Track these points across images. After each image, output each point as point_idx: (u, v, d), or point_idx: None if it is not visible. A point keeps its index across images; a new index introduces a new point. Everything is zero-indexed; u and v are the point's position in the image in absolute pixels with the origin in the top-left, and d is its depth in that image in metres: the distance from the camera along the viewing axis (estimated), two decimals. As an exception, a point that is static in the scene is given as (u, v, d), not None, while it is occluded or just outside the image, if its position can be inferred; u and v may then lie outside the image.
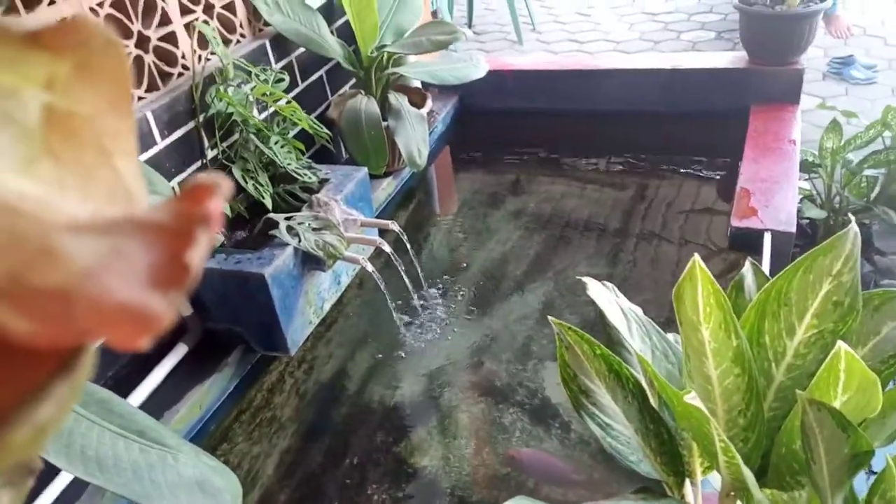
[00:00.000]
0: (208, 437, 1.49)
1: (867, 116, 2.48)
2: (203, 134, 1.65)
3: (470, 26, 4.43)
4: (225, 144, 1.70)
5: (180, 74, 1.65)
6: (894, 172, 2.21)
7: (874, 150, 2.20)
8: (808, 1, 2.32)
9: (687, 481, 0.88)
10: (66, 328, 0.11)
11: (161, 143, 1.55)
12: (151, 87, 1.58)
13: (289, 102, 1.69)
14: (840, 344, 0.66)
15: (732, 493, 0.82)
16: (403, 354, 1.72)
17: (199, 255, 0.12)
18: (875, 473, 0.78)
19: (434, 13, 3.61)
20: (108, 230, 0.12)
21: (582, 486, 1.37)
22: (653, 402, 0.87)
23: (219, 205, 0.12)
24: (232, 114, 1.64)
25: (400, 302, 1.81)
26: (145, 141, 1.51)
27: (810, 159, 2.29)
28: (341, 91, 2.28)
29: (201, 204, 0.12)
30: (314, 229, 1.55)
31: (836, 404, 0.70)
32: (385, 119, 2.01)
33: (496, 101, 2.65)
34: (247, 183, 1.58)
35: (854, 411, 0.72)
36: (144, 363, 1.49)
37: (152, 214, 0.12)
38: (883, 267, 2.26)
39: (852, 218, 0.86)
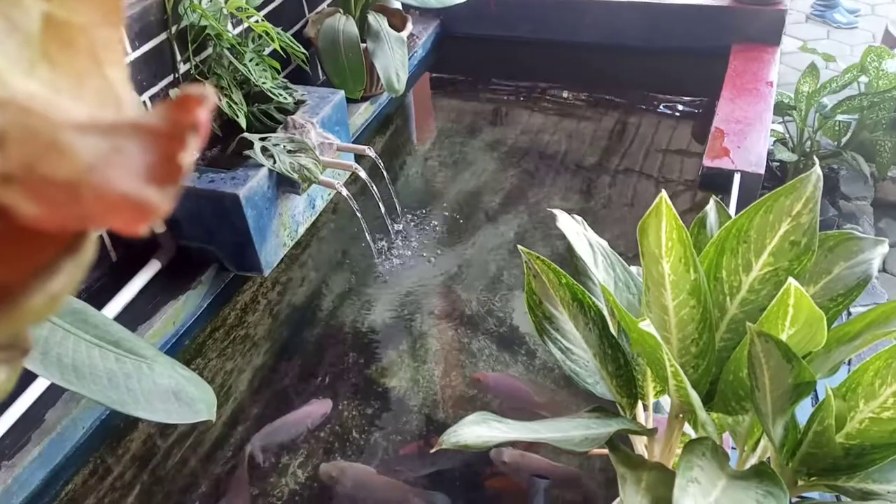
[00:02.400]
0: (183, 351, 1.52)
1: (846, 61, 2.49)
2: (175, 47, 1.61)
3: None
4: (198, 59, 1.66)
5: (152, -17, 1.59)
6: (866, 119, 2.24)
7: (848, 96, 2.23)
8: (799, -62, 2.28)
9: (640, 403, 0.94)
10: (72, 214, 0.12)
11: (132, 55, 1.51)
12: (122, -4, 1.52)
13: (260, 22, 1.64)
14: (790, 280, 0.70)
15: (681, 415, 0.87)
16: (377, 280, 1.75)
17: (189, 158, 0.13)
18: (818, 403, 0.83)
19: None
20: (108, 131, 0.13)
21: (543, 407, 1.44)
22: (612, 329, 0.91)
23: (206, 113, 0.14)
24: (206, 27, 1.60)
25: (375, 228, 1.83)
26: (116, 52, 1.46)
27: (786, 101, 2.31)
28: (319, 8, 2.22)
29: (191, 112, 0.13)
30: (289, 151, 1.54)
31: (783, 337, 0.75)
32: (364, 41, 1.97)
33: (478, 27, 2.60)
34: (220, 100, 1.56)
35: (800, 344, 0.76)
36: (118, 278, 1.50)
37: (148, 119, 0.14)
38: (847, 212, 2.33)
39: (817, 161, 0.89)
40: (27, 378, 1.23)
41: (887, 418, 0.74)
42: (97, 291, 1.49)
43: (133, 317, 1.46)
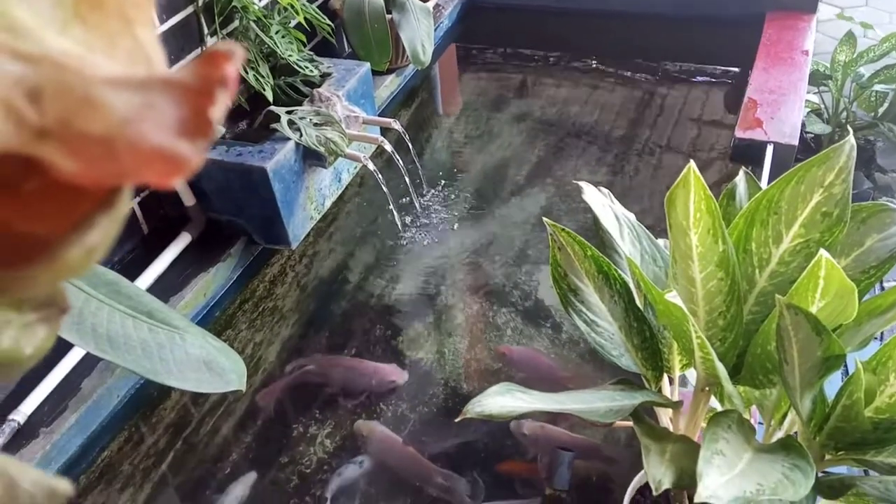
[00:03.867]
0: (213, 322, 1.55)
1: (885, 29, 2.41)
2: (202, 20, 1.61)
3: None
4: (225, 32, 1.66)
5: (179, -44, 1.59)
6: (906, 88, 2.17)
7: (886, 65, 2.16)
8: None
9: (665, 376, 0.93)
10: (107, 168, 0.13)
11: (159, 28, 1.52)
12: (149, -31, 1.53)
13: (291, -9, 1.64)
14: (822, 252, 0.69)
15: (707, 388, 0.87)
16: (403, 253, 1.76)
17: (219, 112, 0.13)
18: (847, 377, 0.82)
19: None
20: (140, 87, 0.13)
21: (568, 381, 1.44)
22: (638, 302, 0.90)
23: (235, 69, 0.14)
24: (231, 0, 1.60)
25: (401, 201, 1.83)
26: (144, 26, 1.47)
27: (822, 71, 2.25)
28: (345, -19, 2.20)
29: (219, 67, 0.14)
30: (316, 125, 1.54)
31: (813, 309, 0.74)
32: (389, 12, 1.95)
33: (505, -3, 2.56)
34: (247, 73, 1.56)
35: (830, 317, 0.75)
36: (149, 251, 1.53)
37: (178, 75, 0.14)
38: (883, 184, 2.27)
39: (851, 131, 0.87)
40: (64, 347, 1.27)
41: (919, 392, 0.73)
42: (130, 263, 1.52)
43: (164, 288, 1.49)
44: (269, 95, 1.58)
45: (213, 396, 1.44)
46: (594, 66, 2.44)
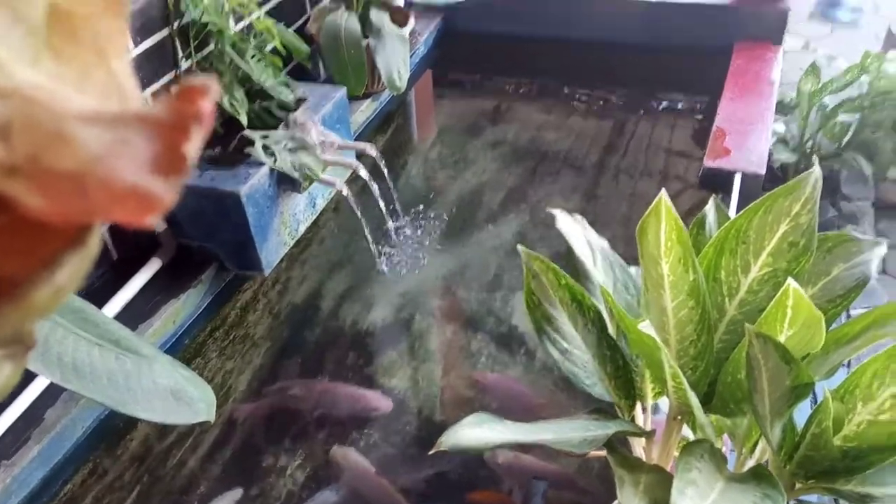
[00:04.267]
0: (182, 350, 1.52)
1: (849, 60, 2.49)
2: (177, 43, 1.61)
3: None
4: (200, 55, 1.66)
5: (154, -20, 1.59)
6: (867, 119, 2.24)
7: (850, 96, 2.23)
8: (801, -60, 2.28)
9: (638, 405, 0.94)
10: (77, 206, 0.13)
11: (133, 51, 1.51)
12: (124, -7, 1.52)
13: (261, 18, 1.64)
14: (789, 281, 0.70)
15: (679, 417, 0.87)
16: (377, 279, 1.75)
17: (193, 148, 0.13)
18: (817, 405, 0.83)
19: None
20: (113, 122, 0.13)
21: (542, 409, 1.44)
22: (611, 331, 0.91)
23: (210, 104, 0.14)
24: (208, 24, 1.60)
25: (375, 227, 1.83)
26: (118, 50, 1.47)
27: (787, 101, 2.31)
28: (321, 4, 2.22)
29: (194, 103, 0.13)
30: (290, 149, 1.54)
31: (782, 339, 0.75)
32: (366, 37, 1.97)
33: (481, 24, 2.60)
34: (222, 98, 1.56)
35: (798, 346, 0.76)
36: (118, 277, 1.50)
37: (152, 110, 0.14)
38: (848, 212, 2.33)
39: (816, 161, 0.89)
40: (27, 377, 1.23)
41: (885, 421, 0.74)
42: (98, 290, 1.49)
43: (133, 315, 1.46)
44: (244, 120, 1.57)
45: (181, 427, 1.40)
46: (567, 93, 2.48)
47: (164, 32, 1.58)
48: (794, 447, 0.82)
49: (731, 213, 1.53)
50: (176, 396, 0.98)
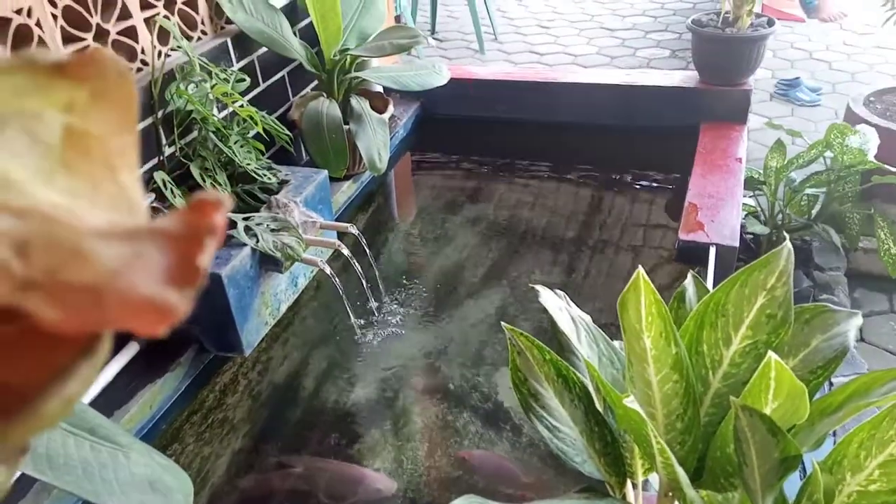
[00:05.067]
0: (159, 436, 1.48)
1: (811, 137, 2.60)
2: (161, 131, 1.64)
3: (433, 33, 4.47)
4: (183, 142, 1.69)
5: (139, 69, 1.63)
6: (834, 192, 2.32)
7: (816, 171, 2.31)
8: (757, 25, 2.42)
9: (629, 482, 0.92)
10: (93, 317, 0.13)
11: (118, 139, 1.54)
12: (110, 82, 1.56)
13: (245, 106, 1.69)
14: (770, 354, 0.71)
15: (670, 494, 0.86)
16: (359, 358, 1.73)
17: (207, 260, 0.14)
18: (806, 477, 0.83)
19: (397, 18, 3.64)
20: (128, 236, 0.14)
21: (530, 487, 1.41)
22: (598, 406, 0.90)
23: (223, 217, 0.14)
24: (191, 111, 1.63)
25: (357, 305, 1.83)
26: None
27: (755, 177, 2.39)
28: (303, 93, 2.29)
29: (208, 216, 0.14)
30: (272, 230, 1.55)
31: (767, 411, 0.75)
32: (346, 122, 2.02)
33: (457, 108, 2.69)
34: (205, 181, 1.58)
35: (783, 418, 0.76)
36: (94, 361, 1.47)
37: (166, 224, 0.14)
38: (821, 282, 2.37)
39: (787, 236, 0.92)
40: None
41: (874, 491, 0.74)
42: (73, 375, 1.46)
43: (109, 402, 1.42)
44: (226, 202, 1.59)
45: (157, 517, 1.35)
46: (543, 173, 2.55)
47: (149, 121, 1.61)
48: (786, 522, 0.81)
49: (709, 284, 1.56)
50: (153, 487, 0.95)
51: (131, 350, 1.50)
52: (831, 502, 0.76)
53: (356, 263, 1.75)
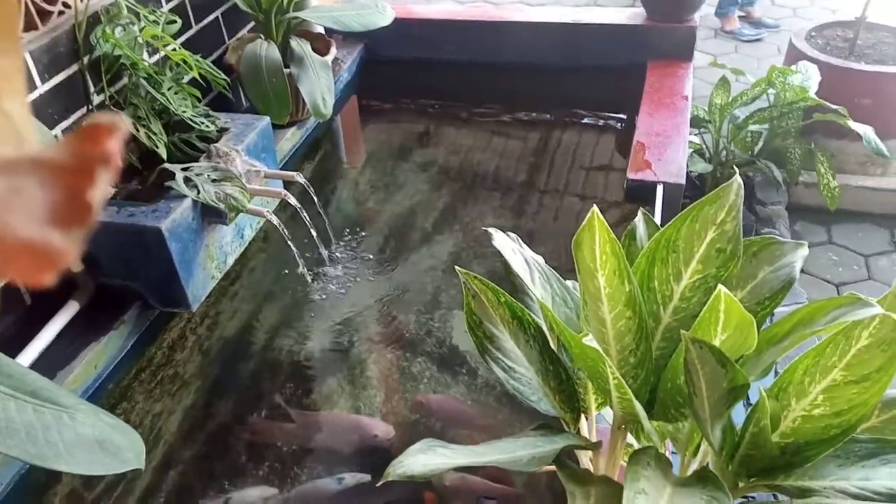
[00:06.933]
0: (107, 395, 1.44)
1: (754, 74, 2.62)
2: (88, 78, 1.54)
3: (375, -28, 4.30)
4: (113, 89, 1.59)
5: (61, 13, 1.52)
6: (776, 128, 2.36)
7: (759, 108, 2.35)
8: (703, -40, 2.40)
9: (583, 417, 0.94)
10: (-40, 267, 0.11)
11: (42, 87, 1.44)
12: (29, 26, 1.45)
13: (177, 50, 1.60)
14: (720, 287, 0.72)
15: (623, 426, 0.88)
16: (312, 308, 1.71)
17: (99, 194, 0.12)
18: (752, 405, 0.85)
19: (337, -44, 3.49)
20: (5, 169, 0.11)
21: (488, 427, 1.43)
22: (552, 345, 0.91)
23: (117, 144, 0.12)
24: (119, 57, 1.54)
25: (307, 256, 1.79)
26: (23, 84, 1.39)
27: (701, 115, 2.41)
28: (239, 35, 2.18)
29: (100, 143, 0.12)
30: (214, 181, 1.49)
31: (717, 343, 0.77)
32: (287, 66, 1.94)
33: (402, 49, 2.61)
34: (138, 131, 1.50)
35: (732, 349, 0.78)
36: (33, 323, 1.41)
37: (50, 154, 0.12)
38: (764, 216, 2.44)
39: (736, 170, 0.92)
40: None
41: (818, 415, 0.77)
42: (11, 338, 1.39)
43: (51, 363, 1.37)
44: (163, 153, 1.51)
45: (110, 476, 1.32)
46: (491, 115, 2.52)
47: (74, 68, 1.51)
48: (734, 447, 0.84)
49: (657, 222, 1.58)
50: (102, 446, 0.92)
51: (71, 309, 1.44)
52: (777, 427, 0.79)
53: (304, 213, 1.70)
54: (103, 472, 0.90)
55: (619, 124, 2.44)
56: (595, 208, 0.76)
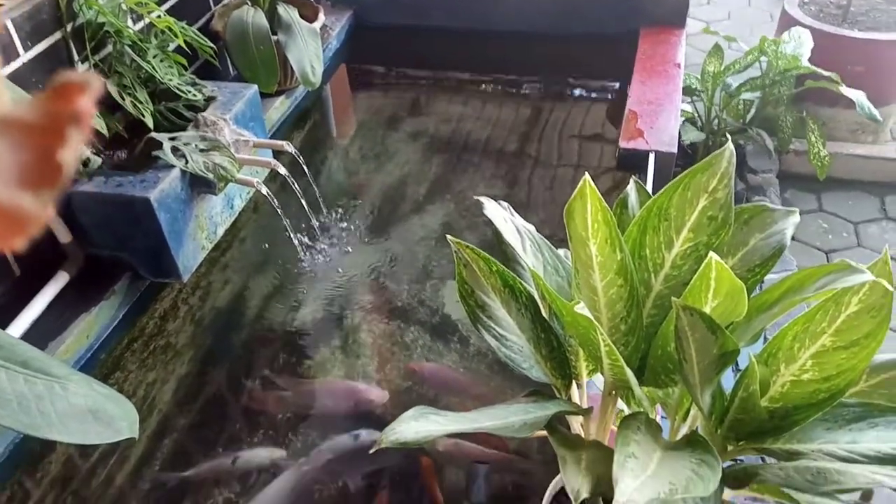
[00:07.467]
0: (99, 365, 1.44)
1: (747, 42, 2.60)
2: (72, 45, 1.51)
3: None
4: (97, 57, 1.56)
5: (41, -23, 1.48)
6: (768, 96, 2.35)
7: (752, 77, 2.33)
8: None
9: (574, 384, 0.95)
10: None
11: (24, 56, 1.41)
12: (8, -9, 1.41)
13: (162, 17, 1.56)
14: (711, 254, 0.72)
15: (614, 392, 0.89)
16: (303, 278, 1.71)
17: (71, 154, 0.11)
18: (741, 371, 0.86)
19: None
20: (-31, 128, 0.11)
21: (480, 395, 1.44)
22: (544, 313, 0.91)
23: (90, 102, 0.12)
24: (104, 24, 1.51)
25: (298, 226, 1.78)
26: (6, 53, 1.36)
27: (693, 84, 2.40)
28: (225, 1, 2.14)
29: (71, 102, 0.11)
30: (202, 150, 1.48)
31: (707, 309, 0.77)
32: (275, 33, 1.91)
33: (391, 16, 2.57)
34: (124, 100, 1.47)
35: (723, 315, 0.79)
36: (22, 294, 1.40)
37: (20, 113, 0.11)
38: (754, 184, 2.44)
39: (728, 137, 0.92)
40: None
41: (807, 380, 0.78)
42: (0, 309, 1.39)
43: (42, 334, 1.37)
44: (150, 122, 1.49)
45: (104, 445, 1.33)
46: (483, 83, 2.49)
47: (58, 35, 1.48)
48: (723, 412, 0.85)
49: (649, 191, 1.58)
50: (95, 416, 0.93)
51: (61, 280, 1.44)
52: (766, 392, 0.80)
53: (295, 183, 1.69)
54: (97, 441, 0.91)
55: (611, 93, 2.43)
56: (587, 176, 0.76)
